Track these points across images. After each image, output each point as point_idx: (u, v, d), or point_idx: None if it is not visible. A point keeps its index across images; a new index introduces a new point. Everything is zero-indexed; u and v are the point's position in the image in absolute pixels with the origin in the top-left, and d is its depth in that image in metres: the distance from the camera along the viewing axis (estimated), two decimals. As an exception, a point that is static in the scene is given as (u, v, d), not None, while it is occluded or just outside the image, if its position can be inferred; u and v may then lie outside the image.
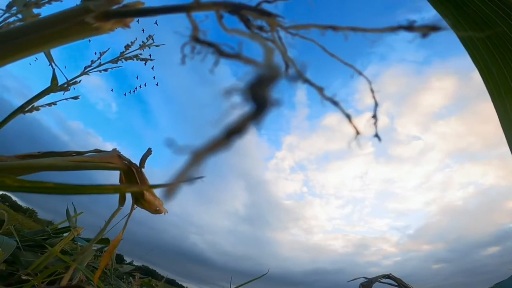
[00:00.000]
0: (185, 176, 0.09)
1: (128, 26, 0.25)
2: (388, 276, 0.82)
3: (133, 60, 0.63)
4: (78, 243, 0.89)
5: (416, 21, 0.17)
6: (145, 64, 0.73)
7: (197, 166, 0.09)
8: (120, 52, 0.63)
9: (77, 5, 0.23)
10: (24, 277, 0.68)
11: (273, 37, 0.19)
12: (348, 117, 0.14)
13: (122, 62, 0.63)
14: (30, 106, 0.56)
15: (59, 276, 0.78)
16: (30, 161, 0.42)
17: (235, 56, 0.12)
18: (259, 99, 0.07)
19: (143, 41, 0.63)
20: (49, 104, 0.60)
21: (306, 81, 0.16)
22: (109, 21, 0.22)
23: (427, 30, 0.15)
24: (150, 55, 0.72)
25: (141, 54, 0.64)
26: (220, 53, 0.13)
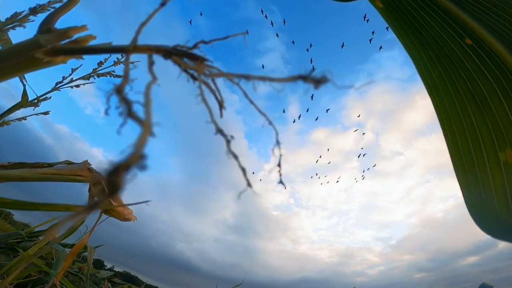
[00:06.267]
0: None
1: (82, 58, 0.27)
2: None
3: (106, 77, 0.64)
4: (54, 247, 0.88)
5: (315, 69, 0.19)
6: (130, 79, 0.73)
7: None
8: (93, 69, 0.64)
9: (29, 39, 0.24)
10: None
11: (200, 80, 0.21)
12: (243, 170, 0.16)
13: (95, 78, 0.64)
14: (1, 121, 0.56)
15: (30, 278, 0.77)
16: (-1, 171, 0.43)
17: (137, 119, 0.13)
18: (112, 184, 0.09)
19: (117, 58, 0.64)
20: (19, 119, 0.60)
21: (220, 131, 0.17)
22: (59, 56, 0.24)
23: (316, 82, 0.17)
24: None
25: (113, 71, 0.65)
26: (129, 113, 0.14)
